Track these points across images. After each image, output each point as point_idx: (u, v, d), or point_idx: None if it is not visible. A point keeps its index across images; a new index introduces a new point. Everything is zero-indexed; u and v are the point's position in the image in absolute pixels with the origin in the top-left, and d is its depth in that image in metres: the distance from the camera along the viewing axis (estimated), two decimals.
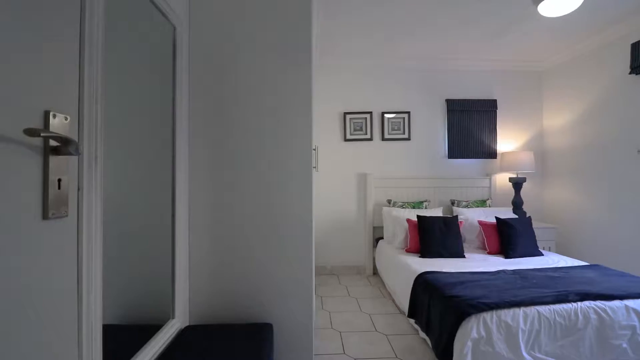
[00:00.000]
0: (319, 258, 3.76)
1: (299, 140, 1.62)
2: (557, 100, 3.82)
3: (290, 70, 1.62)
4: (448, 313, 1.77)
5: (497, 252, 2.92)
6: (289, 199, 1.59)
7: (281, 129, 1.60)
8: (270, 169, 1.60)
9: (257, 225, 1.58)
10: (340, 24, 2.92)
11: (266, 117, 1.60)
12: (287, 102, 1.62)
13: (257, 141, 1.60)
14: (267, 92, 1.61)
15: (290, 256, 1.58)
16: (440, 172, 3.90)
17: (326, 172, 3.80)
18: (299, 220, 1.60)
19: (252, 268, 1.58)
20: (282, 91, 1.61)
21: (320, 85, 3.81)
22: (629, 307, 1.76)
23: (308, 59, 1.64)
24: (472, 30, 3.07)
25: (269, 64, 1.61)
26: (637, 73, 2.83)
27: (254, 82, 1.60)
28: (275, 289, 1.58)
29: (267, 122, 1.60)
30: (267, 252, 1.58)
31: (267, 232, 1.58)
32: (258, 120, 1.60)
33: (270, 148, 1.60)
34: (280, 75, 1.61)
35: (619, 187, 3.05)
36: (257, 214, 1.58)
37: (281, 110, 1.61)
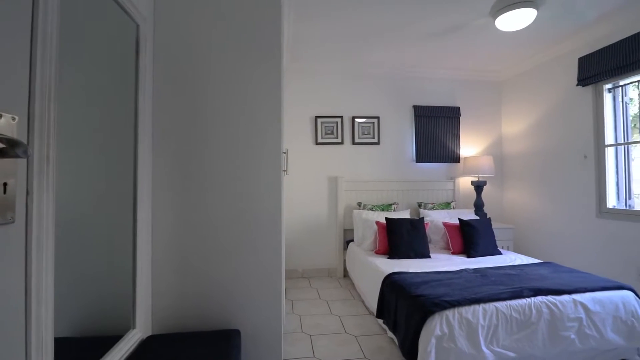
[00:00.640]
0: (290, 261, 3.75)
1: (268, 143, 1.62)
2: (514, 108, 4.08)
3: (260, 72, 1.61)
4: (413, 312, 1.83)
5: (460, 252, 3.06)
6: (258, 202, 1.58)
7: (250, 131, 1.59)
8: (239, 171, 1.58)
9: (224, 229, 1.55)
10: (312, 28, 2.95)
11: (234, 119, 1.59)
12: (257, 105, 1.61)
13: (225, 143, 1.57)
14: (235, 94, 1.59)
15: (259, 260, 1.57)
16: (408, 176, 4.03)
17: (297, 175, 3.81)
18: (268, 223, 1.59)
19: (220, 273, 1.55)
20: (251, 93, 1.60)
21: (292, 89, 3.82)
22: (577, 300, 1.91)
23: (278, 62, 1.64)
24: (436, 41, 3.22)
25: (238, 65, 1.59)
26: (583, 85, 3.10)
27: (222, 84, 1.58)
28: (243, 294, 1.56)
29: (236, 124, 1.59)
30: (235, 257, 1.56)
31: (236, 237, 1.56)
32: (226, 122, 1.58)
33: (239, 150, 1.58)
34: (249, 77, 1.60)
35: (567, 190, 3.31)
36: (225, 217, 1.55)
37: (250, 112, 1.60)
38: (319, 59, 3.69)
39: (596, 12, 2.69)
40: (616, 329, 1.89)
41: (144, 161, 1.43)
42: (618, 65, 2.73)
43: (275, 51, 1.64)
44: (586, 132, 3.11)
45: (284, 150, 2.20)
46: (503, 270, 2.38)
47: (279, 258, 1.61)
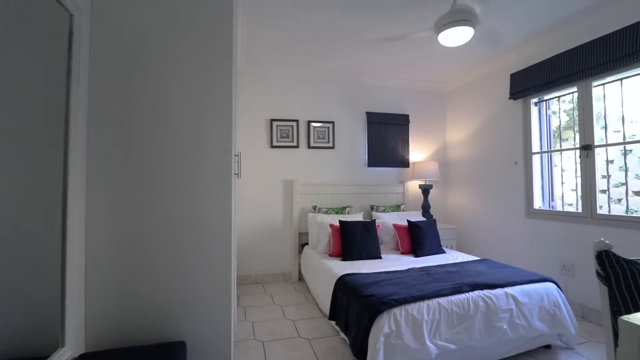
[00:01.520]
0: (244, 267, 3.66)
1: (218, 145, 1.57)
2: (456, 118, 4.41)
3: (210, 72, 1.56)
4: (363, 311, 1.88)
5: (408, 252, 3.22)
6: (206, 206, 1.53)
7: (197, 132, 1.54)
8: (185, 175, 1.51)
9: (168, 235, 1.47)
10: (267, 31, 2.93)
11: (181, 119, 1.52)
12: (206, 105, 1.56)
13: (169, 144, 1.50)
14: (182, 93, 1.53)
15: (206, 266, 1.51)
16: (361, 179, 4.16)
17: (252, 178, 3.74)
18: (217, 228, 1.54)
19: (163, 281, 1.46)
20: (199, 93, 1.55)
21: (247, 91, 3.76)
22: (508, 293, 2.10)
23: (229, 62, 1.61)
24: (386, 51, 3.37)
25: (185, 63, 1.53)
26: (514, 99, 3.44)
27: (168, 82, 1.51)
28: (189, 302, 1.49)
29: (182, 125, 1.52)
30: (180, 263, 1.48)
31: (180, 242, 1.49)
32: (171, 123, 1.51)
33: (186, 152, 1.52)
34: (197, 77, 1.55)
35: (501, 192, 3.65)
36: (168, 222, 1.48)
37: (198, 113, 1.55)
38: (275, 62, 3.68)
39: (523, 35, 3.02)
40: (541, 318, 2.11)
41: (75, 162, 1.31)
42: (542, 82, 3.08)
43: (227, 51, 1.60)
44: (517, 141, 3.45)
45: (236, 153, 2.16)
46: (445, 268, 2.54)
47: (228, 264, 1.56)
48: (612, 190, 2.70)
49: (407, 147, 4.34)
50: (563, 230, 2.94)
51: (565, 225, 2.93)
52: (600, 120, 2.76)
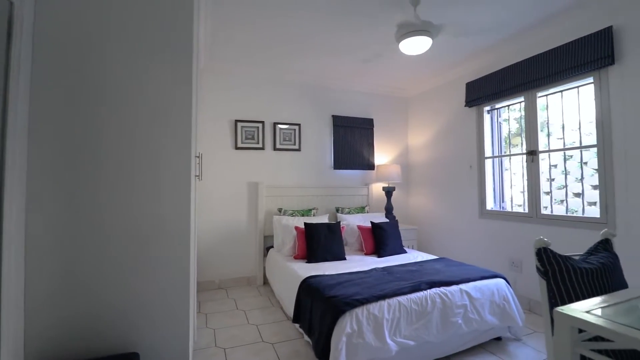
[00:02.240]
0: (206, 273, 3.54)
1: (176, 146, 1.52)
2: (418, 123, 4.60)
3: (167, 69, 1.51)
4: (326, 313, 1.90)
5: (372, 253, 3.30)
6: (162, 210, 1.47)
7: (154, 132, 1.47)
8: (140, 177, 1.44)
9: (120, 240, 1.39)
10: (231, 29, 2.87)
11: (135, 118, 1.45)
12: (163, 104, 1.50)
13: (122, 145, 1.42)
14: (137, 91, 1.46)
15: (162, 273, 1.45)
16: (327, 182, 4.20)
17: (215, 180, 3.64)
18: (174, 233, 1.49)
19: (113, 289, 1.38)
20: (156, 91, 1.49)
21: (210, 91, 3.66)
22: (463, 289, 2.22)
23: (189, 59, 1.56)
24: (351, 56, 3.45)
25: (141, 59, 1.47)
26: (469, 106, 3.66)
27: (121, 78, 1.43)
28: (143, 312, 1.41)
29: (136, 124, 1.45)
30: (134, 271, 1.41)
31: (134, 249, 1.41)
32: (124, 122, 1.43)
33: (140, 155, 1.45)
34: (154, 73, 1.48)
35: (457, 194, 3.86)
36: (121, 227, 1.40)
37: (154, 112, 1.48)
38: (241, 61, 3.62)
39: (478, 47, 3.22)
40: (492, 312, 2.25)
41: (14, 161, 1.20)
42: (494, 91, 3.31)
43: (187, 47, 1.55)
44: (471, 146, 3.67)
45: (196, 154, 2.09)
46: (406, 267, 2.63)
47: (186, 270, 1.51)
48: (555, 192, 2.96)
49: (371, 151, 4.45)
50: (512, 229, 3.17)
51: (514, 224, 3.16)
52: (544, 128, 3.02)
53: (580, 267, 1.16)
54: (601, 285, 1.19)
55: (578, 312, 0.88)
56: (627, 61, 2.35)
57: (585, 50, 2.54)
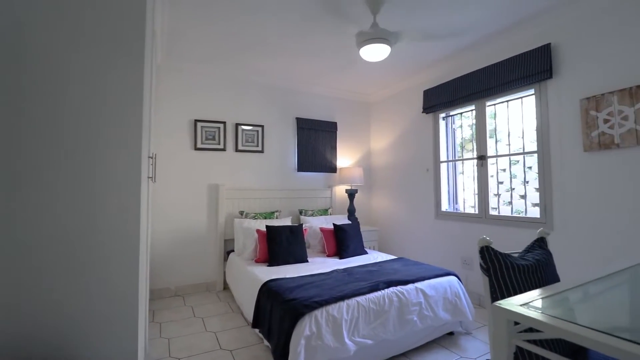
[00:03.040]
0: (161, 279, 3.37)
1: (126, 146, 1.43)
2: (379, 127, 4.74)
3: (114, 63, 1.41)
4: (285, 316, 1.88)
5: (334, 254, 3.33)
6: (109, 214, 1.37)
7: (99, 131, 1.37)
8: (82, 179, 1.34)
9: (60, 248, 1.28)
10: (190, 24, 2.77)
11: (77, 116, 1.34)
12: (110, 102, 1.40)
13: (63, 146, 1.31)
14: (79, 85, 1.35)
15: (107, 283, 1.35)
16: (290, 184, 4.18)
17: (173, 182, 3.48)
18: (122, 238, 1.39)
19: (53, 302, 1.26)
20: (101, 86, 1.39)
21: (168, 89, 3.50)
22: (418, 288, 2.32)
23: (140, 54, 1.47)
24: (315, 60, 3.47)
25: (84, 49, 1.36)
26: (426, 113, 3.83)
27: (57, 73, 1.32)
28: (85, 325, 1.31)
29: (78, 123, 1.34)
30: (75, 281, 1.30)
31: (75, 256, 1.30)
32: (65, 120, 1.32)
33: (85, 155, 1.34)
34: (99, 66, 1.39)
35: (415, 196, 4.02)
36: (61, 234, 1.29)
37: (101, 111, 1.38)
38: (202, 60, 3.50)
39: (434, 56, 3.39)
40: (445, 308, 2.37)
41: None
42: (448, 99, 3.50)
43: (138, 40, 1.47)
44: (428, 150, 3.85)
45: (150, 155, 1.99)
46: (366, 268, 2.69)
47: (135, 277, 1.42)
48: (503, 194, 3.18)
49: (335, 153, 4.51)
50: (464, 229, 3.36)
51: (466, 225, 3.35)
52: (493, 134, 3.24)
53: (518, 263, 1.26)
54: (536, 279, 1.30)
55: (513, 306, 0.95)
56: (562, 75, 2.59)
57: (527, 64, 2.77)
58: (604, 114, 2.31)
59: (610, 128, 2.28)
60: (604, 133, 2.32)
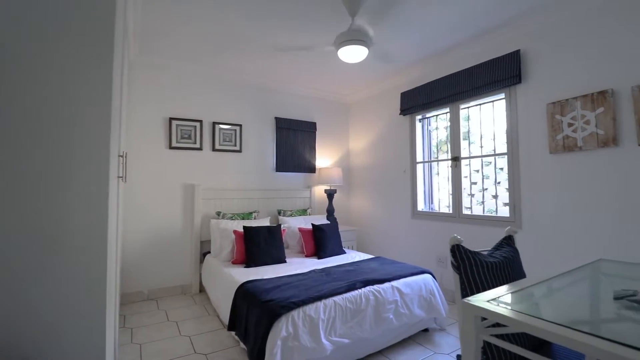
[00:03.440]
0: (133, 283, 3.25)
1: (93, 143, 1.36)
2: (358, 128, 4.78)
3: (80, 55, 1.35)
4: (262, 317, 1.86)
5: (312, 255, 3.33)
6: (74, 215, 1.31)
7: (63, 127, 1.31)
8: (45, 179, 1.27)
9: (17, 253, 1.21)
10: (165, 19, 2.68)
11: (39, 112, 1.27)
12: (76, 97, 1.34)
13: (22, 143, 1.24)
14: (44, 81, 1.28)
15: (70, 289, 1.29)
16: (268, 184, 4.14)
17: (145, 182, 3.37)
18: (88, 241, 1.33)
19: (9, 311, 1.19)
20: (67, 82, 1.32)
21: (142, 85, 3.39)
22: (394, 286, 2.35)
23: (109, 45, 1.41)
24: (294, 59, 3.46)
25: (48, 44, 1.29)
26: (404, 114, 3.91)
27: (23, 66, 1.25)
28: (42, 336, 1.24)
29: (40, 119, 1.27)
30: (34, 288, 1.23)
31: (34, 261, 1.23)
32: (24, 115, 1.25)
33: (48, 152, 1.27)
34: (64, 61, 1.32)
35: (393, 196, 4.09)
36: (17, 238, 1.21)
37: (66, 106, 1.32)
38: (178, 57, 3.40)
39: (411, 59, 3.46)
40: (420, 305, 2.42)
41: None
42: (424, 102, 3.58)
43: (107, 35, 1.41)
44: (405, 152, 3.93)
45: (120, 153, 1.92)
46: (344, 268, 2.71)
47: (102, 282, 1.36)
48: (477, 194, 3.29)
49: (314, 154, 4.51)
50: (439, 228, 3.45)
51: (440, 224, 3.44)
52: (467, 136, 3.34)
53: (487, 261, 1.30)
54: (504, 276, 1.35)
55: (481, 302, 0.98)
56: (530, 80, 2.72)
57: (498, 69, 2.88)
58: (568, 118, 2.44)
59: (574, 131, 2.41)
60: (568, 136, 2.45)
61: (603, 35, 2.29)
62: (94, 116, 1.38)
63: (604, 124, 2.25)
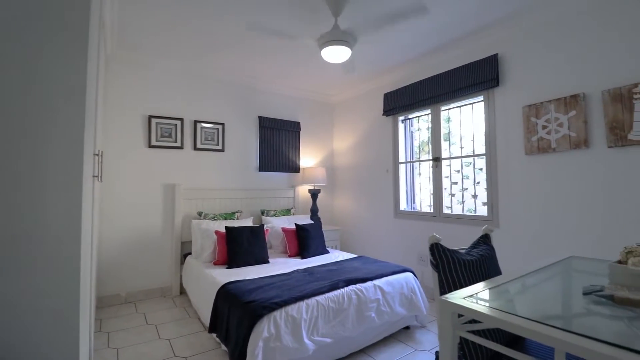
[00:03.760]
0: (110, 286, 3.15)
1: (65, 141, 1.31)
2: (342, 128, 4.80)
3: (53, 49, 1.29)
4: (243, 318, 1.84)
5: (295, 255, 3.32)
6: (44, 217, 1.25)
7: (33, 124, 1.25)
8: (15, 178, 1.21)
9: None
10: (147, 17, 2.61)
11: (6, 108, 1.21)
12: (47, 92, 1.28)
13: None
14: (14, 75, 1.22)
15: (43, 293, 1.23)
16: (252, 184, 4.10)
17: (124, 182, 3.27)
18: (60, 244, 1.28)
19: None
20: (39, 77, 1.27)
21: (120, 82, 3.29)
22: (376, 285, 2.38)
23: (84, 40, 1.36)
24: (278, 58, 3.44)
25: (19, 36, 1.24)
26: (387, 115, 3.95)
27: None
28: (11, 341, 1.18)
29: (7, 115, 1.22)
30: None
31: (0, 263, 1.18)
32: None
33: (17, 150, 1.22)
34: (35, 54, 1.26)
35: (376, 196, 4.13)
36: None
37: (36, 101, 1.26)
38: (158, 52, 3.31)
39: (394, 61, 3.51)
40: (401, 303, 2.45)
41: None
42: (407, 103, 3.63)
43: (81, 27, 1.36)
44: (388, 152, 3.97)
45: (95, 152, 1.85)
46: (327, 267, 2.72)
47: (75, 286, 1.31)
48: (458, 194, 3.36)
49: (298, 153, 4.50)
50: (421, 227, 3.51)
51: (422, 223, 3.50)
52: (448, 137, 3.41)
53: (464, 259, 1.34)
54: (481, 273, 1.39)
55: (457, 299, 1.00)
56: (507, 84, 2.80)
57: (477, 72, 2.95)
58: (543, 121, 2.53)
59: (548, 134, 2.50)
60: (542, 138, 2.54)
61: (575, 42, 2.39)
62: (67, 112, 1.33)
63: (576, 127, 2.35)
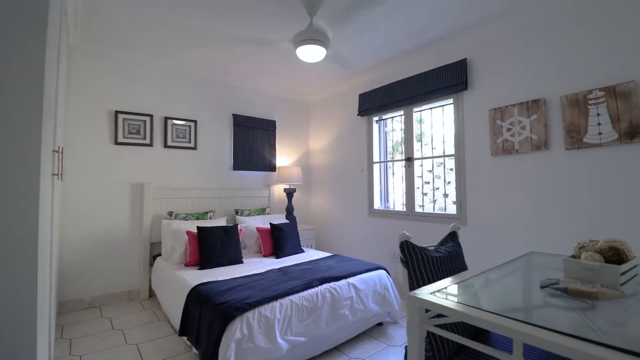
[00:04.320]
0: (73, 291, 2.98)
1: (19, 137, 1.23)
2: (318, 127, 4.82)
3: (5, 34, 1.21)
4: (215, 320, 1.81)
5: (270, 254, 3.30)
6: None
7: None
8: None
9: None
10: (113, 5, 2.48)
11: None
12: None
13: None
14: None
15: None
16: (225, 183, 4.03)
17: (87, 180, 3.10)
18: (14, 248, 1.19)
19: None
20: None
21: (84, 75, 3.11)
22: (350, 283, 2.41)
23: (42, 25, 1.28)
24: (252, 56, 3.39)
25: None
26: (362, 115, 4.00)
27: None
28: None
29: None
30: None
31: None
32: None
33: None
34: None
35: (351, 195, 4.18)
36: None
37: None
38: (126, 45, 3.17)
39: (368, 63, 3.56)
40: (375, 300, 2.50)
41: None
42: (381, 104, 3.70)
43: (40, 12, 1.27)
44: (362, 152, 4.03)
45: (55, 148, 1.75)
46: (301, 266, 2.72)
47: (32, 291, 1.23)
48: (430, 193, 3.46)
49: (273, 152, 4.46)
50: (394, 226, 3.59)
51: (395, 221, 3.59)
52: (420, 138, 3.51)
53: (432, 255, 1.38)
54: (448, 269, 1.44)
55: (424, 294, 1.04)
56: (475, 87, 2.92)
57: (447, 76, 3.06)
58: (507, 124, 2.67)
59: (512, 136, 2.64)
60: (506, 140, 2.67)
61: (536, 50, 2.53)
62: (22, 105, 1.24)
63: (537, 130, 2.49)
